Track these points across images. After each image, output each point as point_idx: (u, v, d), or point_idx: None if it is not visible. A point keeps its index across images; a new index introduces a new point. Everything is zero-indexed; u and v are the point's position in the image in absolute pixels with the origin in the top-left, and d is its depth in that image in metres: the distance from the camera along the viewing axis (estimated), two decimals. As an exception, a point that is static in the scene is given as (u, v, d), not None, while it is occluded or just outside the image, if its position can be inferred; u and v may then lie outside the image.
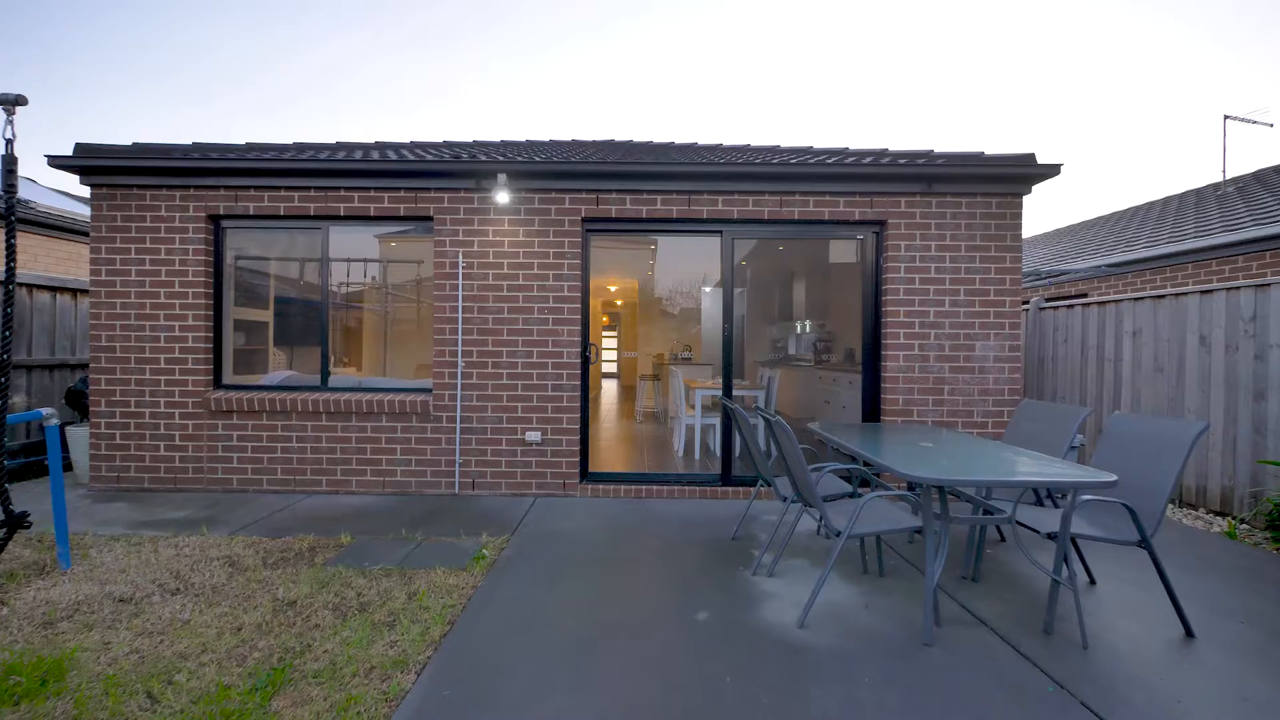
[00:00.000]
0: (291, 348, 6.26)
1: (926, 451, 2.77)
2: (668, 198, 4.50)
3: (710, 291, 11.35)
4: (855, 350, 6.99)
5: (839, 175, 4.40)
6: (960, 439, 3.15)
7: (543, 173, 4.42)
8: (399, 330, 6.71)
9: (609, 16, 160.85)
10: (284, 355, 5.85)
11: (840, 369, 6.50)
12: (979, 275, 4.48)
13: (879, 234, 4.61)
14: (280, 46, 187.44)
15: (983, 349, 4.47)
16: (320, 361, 4.76)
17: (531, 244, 4.52)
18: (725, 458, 4.68)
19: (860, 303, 4.75)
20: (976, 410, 4.46)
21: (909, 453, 2.71)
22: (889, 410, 4.47)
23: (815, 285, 8.97)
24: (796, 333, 9.68)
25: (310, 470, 4.52)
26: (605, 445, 6.62)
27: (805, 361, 8.83)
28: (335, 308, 6.55)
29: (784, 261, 9.96)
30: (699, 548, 3.41)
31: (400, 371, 6.38)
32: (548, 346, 4.51)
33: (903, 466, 2.34)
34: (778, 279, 10.27)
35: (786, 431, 2.54)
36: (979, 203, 4.49)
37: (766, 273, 10.44)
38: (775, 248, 8.90)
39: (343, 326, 6.82)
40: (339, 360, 6.86)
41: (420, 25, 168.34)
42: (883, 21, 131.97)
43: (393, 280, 6.56)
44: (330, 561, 3.15)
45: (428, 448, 4.51)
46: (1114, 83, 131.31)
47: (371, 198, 4.53)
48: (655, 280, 11.71)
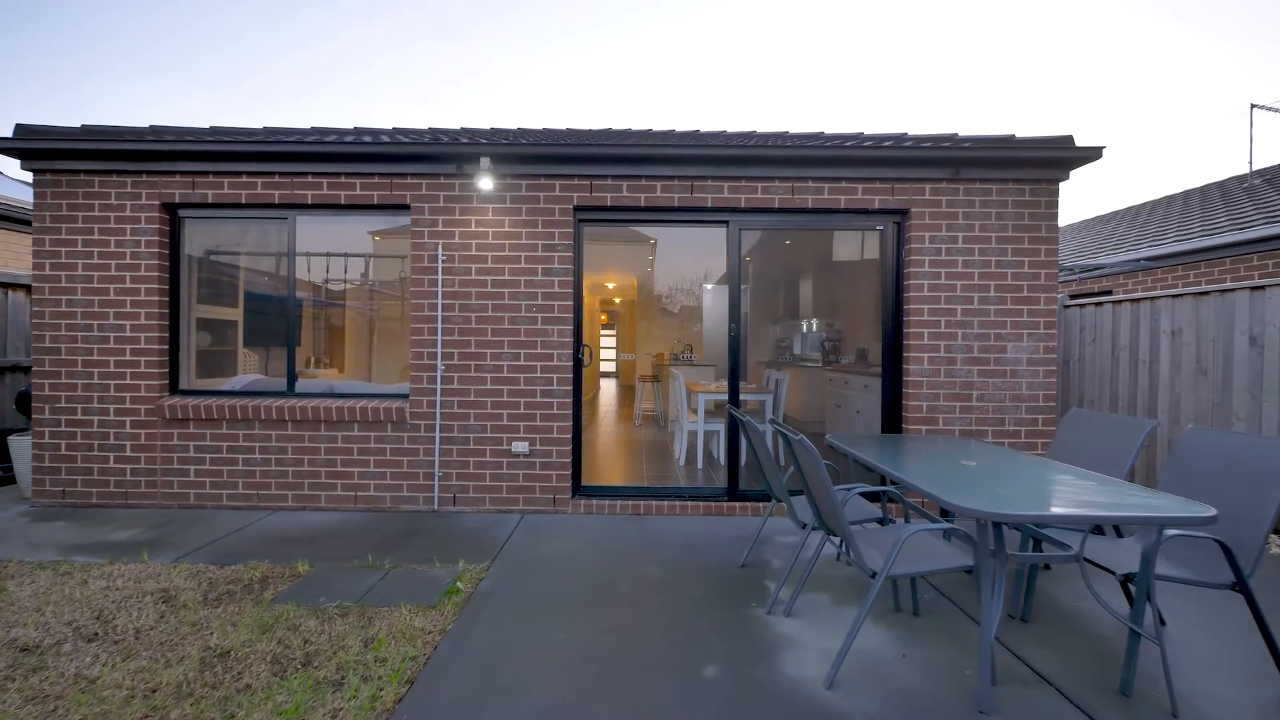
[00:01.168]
0: (267, 349, 5.85)
1: (971, 474, 2.36)
2: (668, 184, 4.09)
3: (712, 289, 10.94)
4: (869, 351, 6.59)
5: (857, 159, 3.99)
6: (1006, 456, 2.74)
7: (530, 156, 4.00)
8: (387, 330, 6.30)
9: (616, 8, 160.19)
10: (256, 357, 5.44)
11: (853, 371, 6.09)
12: (1011, 270, 4.07)
13: (900, 224, 4.20)
14: (279, 38, 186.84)
15: (1015, 350, 4.06)
16: (287, 364, 4.34)
17: (518, 235, 4.10)
18: (731, 468, 4.27)
19: (878, 299, 4.34)
20: (1008, 418, 4.06)
21: (953, 477, 2.30)
22: (912, 418, 4.06)
23: (823, 282, 8.56)
24: (802, 332, 9.27)
25: (275, 484, 4.11)
26: (601, 453, 6.22)
27: (812, 362, 8.43)
28: (316, 305, 6.16)
29: (788, 257, 9.55)
30: (704, 578, 3.00)
31: (386, 374, 5.96)
32: (536, 348, 4.10)
33: (957, 497, 1.93)
34: (783, 275, 9.86)
35: (811, 453, 2.13)
36: (1011, 190, 4.07)
37: (770, 269, 10.02)
38: (781, 243, 8.48)
39: (326, 326, 6.41)
40: (319, 362, 6.47)
41: (413, 19, 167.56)
42: (893, 11, 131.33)
43: (383, 278, 6.16)
44: (281, 596, 2.74)
45: (404, 459, 4.10)
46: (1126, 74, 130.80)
47: (342, 184, 4.11)
48: (655, 277, 11.30)
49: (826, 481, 2.12)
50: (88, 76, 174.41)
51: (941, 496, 1.95)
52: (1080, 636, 2.42)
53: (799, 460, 2.41)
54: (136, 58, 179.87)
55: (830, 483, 2.11)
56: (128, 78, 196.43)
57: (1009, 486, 2.17)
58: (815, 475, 2.20)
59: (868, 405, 5.39)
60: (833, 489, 2.10)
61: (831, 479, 2.18)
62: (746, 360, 9.79)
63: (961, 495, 1.98)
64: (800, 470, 2.47)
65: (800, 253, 9.05)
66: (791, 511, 2.70)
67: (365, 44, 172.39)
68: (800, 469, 2.45)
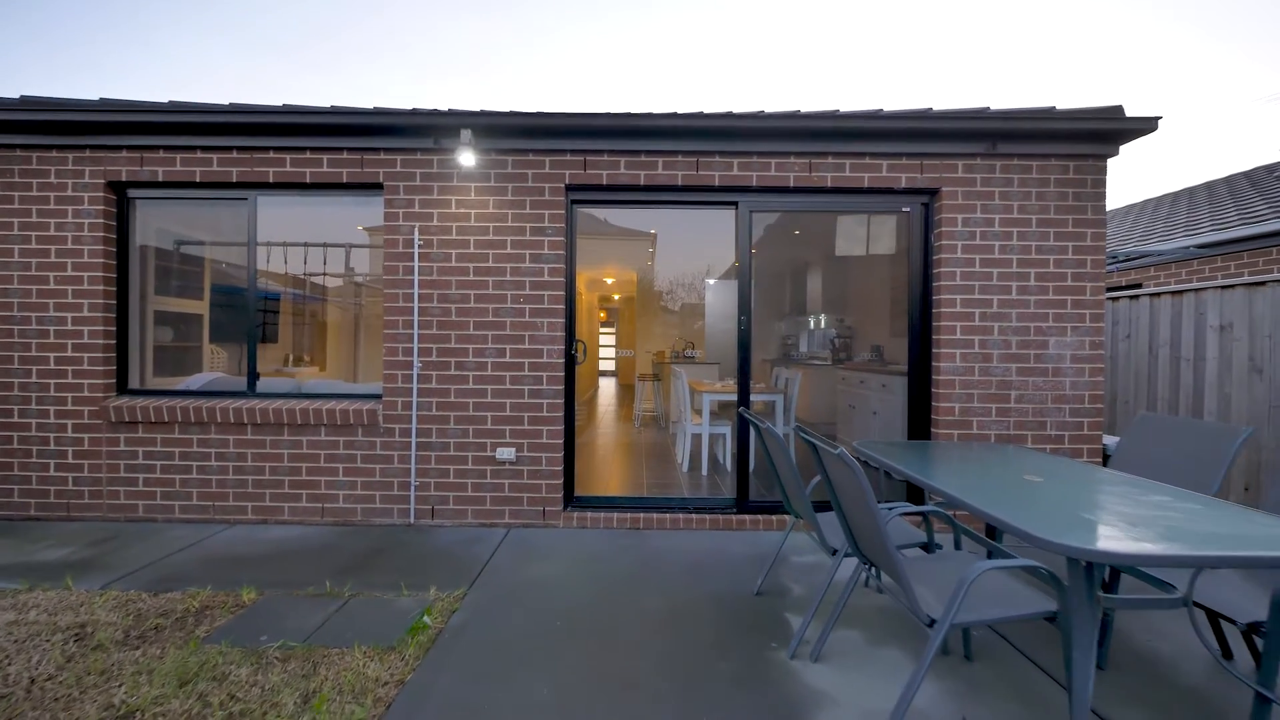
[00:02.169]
0: (241, 346, 5.45)
1: (1040, 493, 1.94)
2: (671, 160, 3.66)
3: (714, 284, 10.50)
4: (884, 347, 6.17)
5: (882, 132, 3.56)
6: (1073, 469, 2.32)
7: (517, 129, 3.57)
8: (375, 326, 5.88)
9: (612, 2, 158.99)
10: (225, 354, 5.01)
11: (868, 369, 5.67)
12: (1053, 256, 3.65)
13: (929, 205, 3.77)
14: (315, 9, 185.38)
15: (1057, 346, 3.64)
16: (247, 362, 3.92)
17: (504, 217, 3.68)
18: (739, 476, 3.85)
19: (892, 293, 3.92)
20: (1049, 421, 3.64)
21: (1023, 498, 1.88)
22: (943, 422, 3.64)
23: (831, 276, 8.14)
24: (809, 328, 8.86)
25: (233, 495, 3.69)
26: (597, 459, 5.80)
27: (820, 360, 8.01)
28: (297, 300, 5.74)
29: (794, 251, 9.12)
30: (714, 609, 2.58)
31: (372, 373, 5.55)
32: (524, 343, 3.68)
33: (1042, 528, 1.52)
34: (788, 269, 9.43)
35: (855, 474, 1.70)
36: (1054, 167, 3.65)
37: (775, 263, 9.59)
38: (788, 234, 8.05)
39: (309, 321, 6.00)
40: (299, 359, 6.05)
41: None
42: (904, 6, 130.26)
43: (374, 271, 5.74)
44: (216, 634, 2.32)
45: (376, 467, 3.68)
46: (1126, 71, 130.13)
47: (307, 160, 3.68)
48: (655, 272, 10.87)
49: (873, 507, 1.69)
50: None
51: (1025, 529, 1.53)
52: (1173, 689, 2.00)
53: (832, 477, 1.99)
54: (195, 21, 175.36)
55: (878, 511, 1.69)
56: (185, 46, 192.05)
57: (1096, 510, 1.75)
58: (858, 500, 1.78)
59: (886, 407, 4.98)
60: (881, 518, 1.68)
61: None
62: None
63: (1047, 525, 1.56)
64: (832, 489, 2.05)
65: (807, 246, 8.62)
66: (820, 536, 2.28)
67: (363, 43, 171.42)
68: (833, 487, 2.03)
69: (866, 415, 5.43)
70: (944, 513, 2.22)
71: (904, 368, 3.83)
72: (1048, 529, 1.53)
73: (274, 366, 5.72)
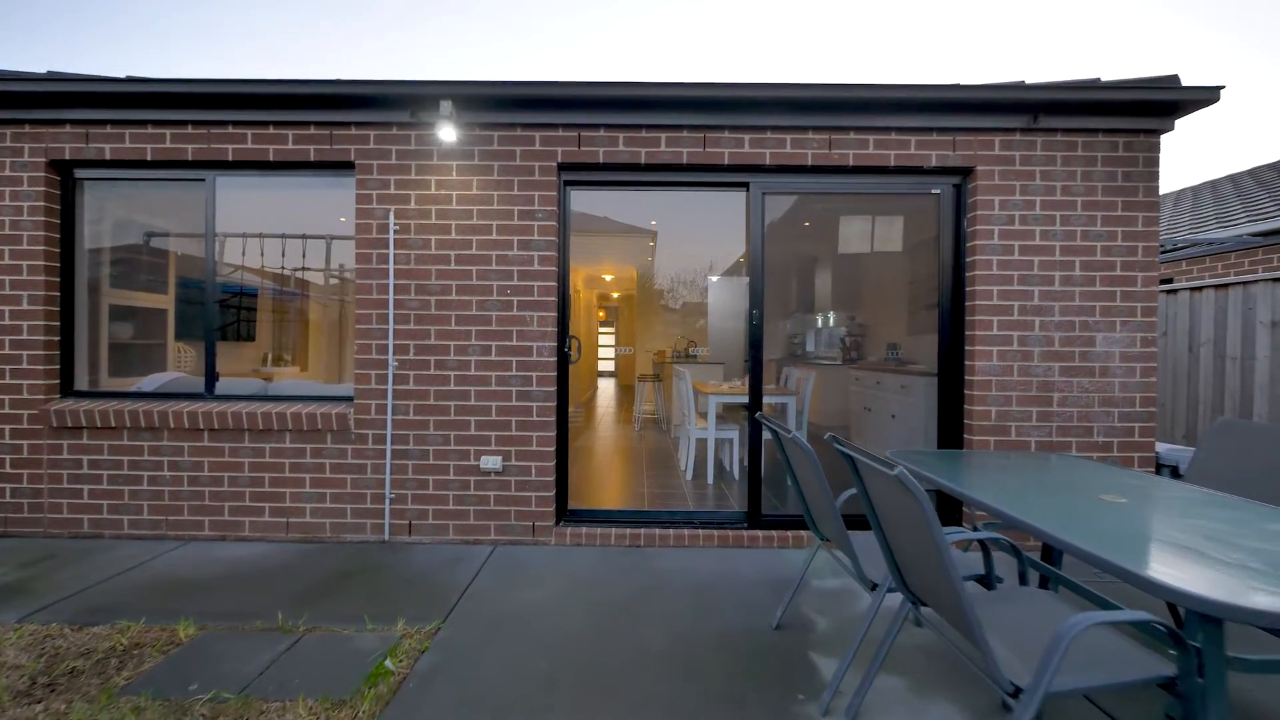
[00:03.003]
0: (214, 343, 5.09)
1: (1130, 519, 1.58)
2: (675, 136, 3.30)
3: (717, 281, 10.14)
4: (901, 345, 5.80)
5: (910, 104, 3.20)
6: (1156, 486, 1.95)
7: (504, 100, 3.21)
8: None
9: None
10: (193, 352, 4.64)
11: (886, 369, 5.30)
12: (1100, 243, 3.28)
13: (961, 187, 3.41)
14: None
15: (1105, 343, 3.27)
16: (205, 360, 3.55)
17: (489, 199, 3.31)
18: (751, 488, 3.48)
19: (922, 284, 3.56)
20: (1096, 427, 3.27)
21: (1115, 528, 1.52)
22: (977, 427, 3.27)
23: (841, 271, 7.78)
24: (816, 326, 8.49)
25: (188, 508, 3.32)
26: (593, 466, 5.43)
27: (828, 359, 7.65)
28: (276, 295, 5.39)
29: (800, 245, 8.75)
30: (727, 648, 2.21)
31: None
32: (511, 339, 3.31)
33: (1228, 594, 1.15)
34: (794, 265, 9.06)
35: (919, 500, 1.32)
36: (1101, 144, 3.28)
37: (779, 259, 9.21)
38: (797, 227, 7.67)
39: (292, 318, 5.64)
40: (278, 359, 5.68)
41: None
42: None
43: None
44: (137, 682, 1.95)
45: (347, 477, 3.31)
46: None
47: (270, 136, 3.32)
48: (655, 267, 10.50)
49: (940, 542, 1.32)
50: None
51: (1153, 578, 1.16)
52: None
53: (876, 498, 1.62)
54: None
55: (946, 547, 1.32)
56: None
57: (1219, 547, 1.38)
58: (913, 530, 1.41)
59: (906, 409, 4.61)
60: (950, 557, 1.31)
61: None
62: (755, 358, 9.00)
63: (1168, 571, 1.19)
64: (874, 511, 1.68)
65: (815, 239, 8.25)
66: (856, 568, 1.90)
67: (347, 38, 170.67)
68: (875, 509, 1.66)
69: (883, 418, 5.06)
70: (1004, 539, 1.84)
71: (925, 368, 3.49)
72: (1174, 578, 1.17)
73: (252, 366, 5.38)
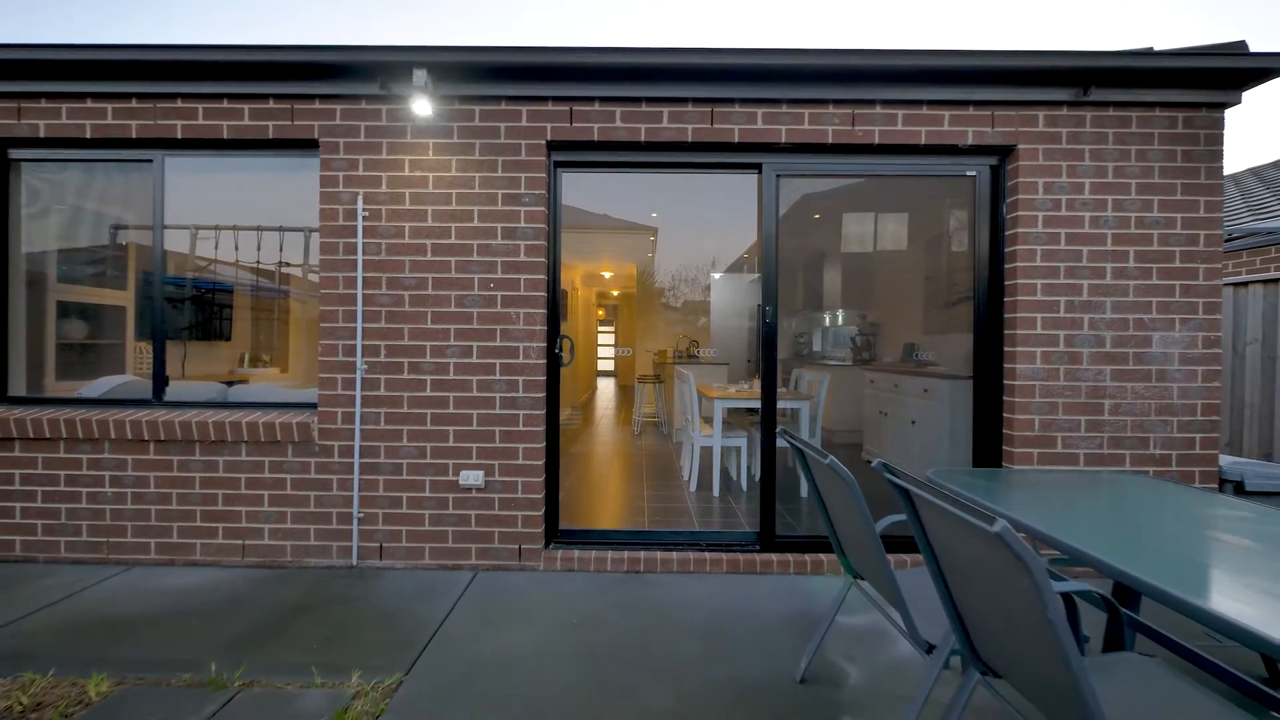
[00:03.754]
0: (185, 344, 4.73)
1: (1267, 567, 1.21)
2: (679, 110, 2.93)
3: (720, 278, 9.77)
4: (918, 346, 5.44)
5: (946, 73, 2.83)
6: (1267, 519, 1.58)
7: (485, 69, 2.84)
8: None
9: None
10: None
11: (904, 371, 4.93)
12: (1158, 230, 2.91)
13: (999, 169, 3.04)
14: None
15: (1163, 343, 2.91)
16: (153, 364, 3.18)
17: (470, 182, 2.94)
18: (764, 504, 3.11)
19: (940, 280, 3.20)
20: (1153, 438, 2.90)
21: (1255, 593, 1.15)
22: (1018, 438, 2.91)
23: (852, 266, 7.42)
24: (824, 325, 8.13)
25: (131, 529, 2.96)
26: (589, 476, 5.07)
27: (837, 360, 7.30)
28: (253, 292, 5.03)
29: (805, 240, 8.38)
30: (744, 709, 1.84)
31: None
32: (495, 339, 2.94)
33: None
34: (800, 262, 8.69)
35: (1029, 567, 0.96)
36: (1158, 119, 2.92)
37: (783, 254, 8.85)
38: (807, 220, 7.31)
39: (276, 316, 5.28)
40: (255, 360, 5.32)
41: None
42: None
43: None
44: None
45: (310, 494, 2.94)
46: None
47: (223, 112, 2.95)
48: (656, 265, 10.12)
49: (1055, 615, 0.95)
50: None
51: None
52: None
53: (941, 547, 1.25)
54: None
55: (1063, 625, 0.95)
56: None
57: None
58: (1010, 599, 1.04)
59: (929, 415, 4.25)
60: (1073, 649, 0.94)
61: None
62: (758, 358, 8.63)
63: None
64: (933, 553, 1.31)
65: (822, 233, 7.89)
66: (909, 628, 1.53)
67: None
68: (936, 555, 1.29)
69: (901, 425, 4.70)
70: (1097, 592, 1.48)
71: (948, 370, 3.13)
72: None
73: (228, 368, 5.04)
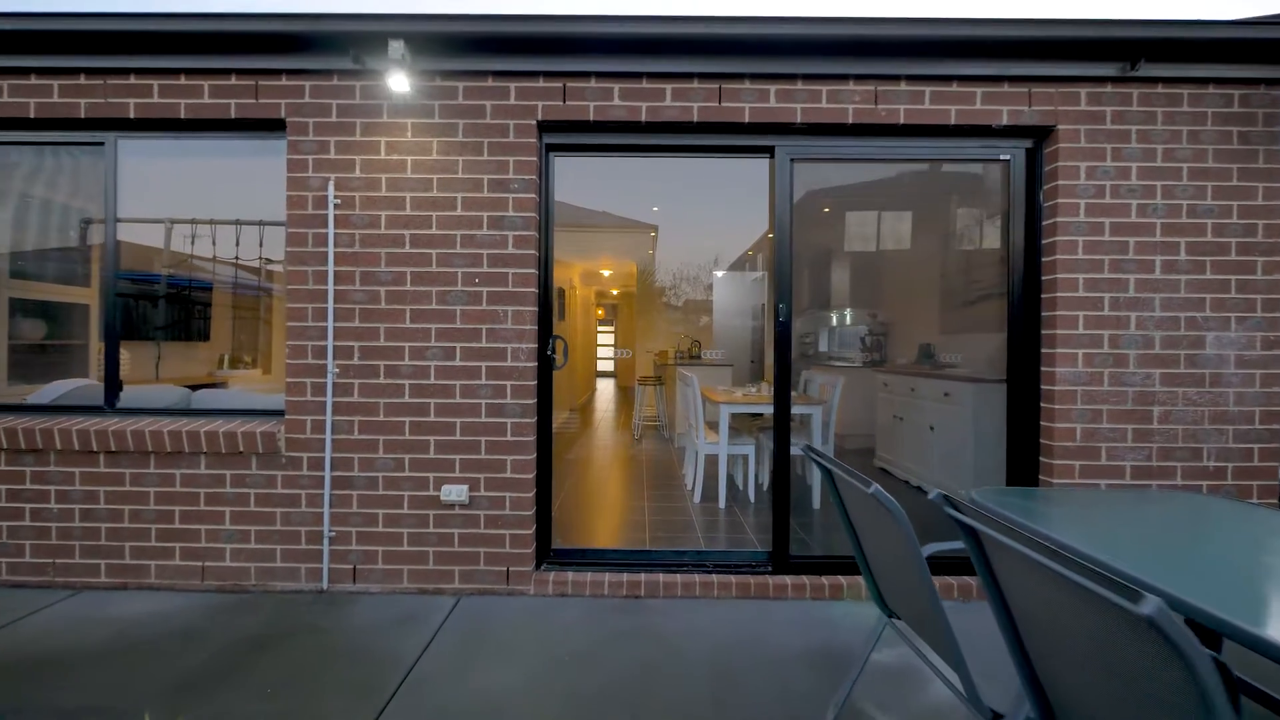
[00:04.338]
0: (158, 344, 4.47)
1: None
2: (684, 88, 2.65)
3: (723, 276, 9.52)
4: (935, 346, 5.17)
5: (979, 45, 2.55)
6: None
7: (470, 38, 2.56)
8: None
9: None
10: (125, 354, 4.01)
11: (922, 373, 4.66)
12: (1211, 220, 2.64)
13: (1036, 152, 2.77)
14: None
15: (1217, 344, 2.64)
16: (105, 367, 2.90)
17: (452, 166, 2.67)
18: (777, 520, 2.83)
19: (957, 276, 2.93)
20: (1206, 449, 2.63)
21: None
22: (1058, 449, 2.63)
23: (861, 262, 7.15)
24: (831, 325, 7.85)
25: (80, 549, 2.68)
26: (586, 487, 4.80)
27: (845, 361, 7.03)
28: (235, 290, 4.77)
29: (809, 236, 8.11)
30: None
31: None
32: (480, 340, 2.67)
33: None
34: (805, 259, 8.41)
35: (1187, 653, 0.69)
36: (1212, 97, 2.64)
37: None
38: (816, 215, 7.02)
39: (261, 315, 5.01)
40: (237, 361, 5.06)
41: None
42: None
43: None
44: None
45: (276, 511, 2.67)
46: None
47: (181, 89, 2.67)
48: (657, 262, 9.84)
49: (1214, 702, 0.68)
50: None
51: None
52: None
53: (1017, 600, 0.98)
54: None
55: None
56: None
57: None
58: (1164, 691, 0.77)
59: (949, 421, 3.97)
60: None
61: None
62: (762, 358, 8.36)
63: None
64: (1005, 607, 1.04)
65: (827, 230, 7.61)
66: (969, 690, 1.25)
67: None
68: (1007, 605, 1.01)
69: (919, 430, 4.42)
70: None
71: (970, 372, 2.86)
72: None
73: (207, 369, 4.79)
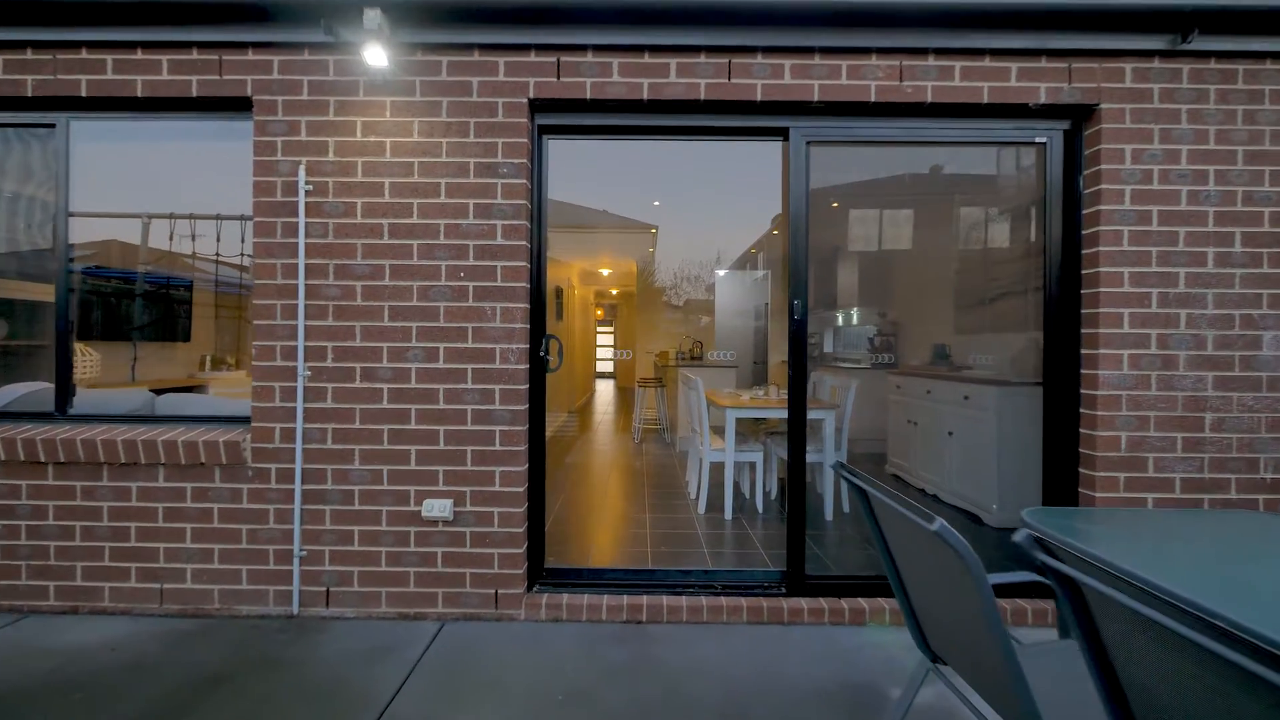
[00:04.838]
0: (134, 344, 4.25)
1: None
2: (689, 63, 2.42)
3: (725, 275, 9.27)
4: (950, 347, 4.93)
5: (1016, 13, 2.32)
6: None
7: (455, 8, 2.32)
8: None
9: None
10: (97, 356, 3.78)
11: (939, 375, 4.42)
12: (1268, 208, 2.41)
13: (1076, 134, 2.53)
14: None
15: (1275, 345, 2.40)
16: (56, 371, 2.66)
17: (435, 149, 2.43)
18: (791, 538, 2.59)
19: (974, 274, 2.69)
20: (1263, 459, 2.39)
21: None
22: (1102, 460, 2.39)
23: (869, 259, 6.92)
24: (836, 325, 7.62)
25: (26, 569, 2.44)
26: (583, 496, 4.56)
27: (851, 362, 6.79)
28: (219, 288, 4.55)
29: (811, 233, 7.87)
30: None
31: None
32: (466, 340, 2.43)
33: None
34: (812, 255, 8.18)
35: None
36: (1269, 73, 2.41)
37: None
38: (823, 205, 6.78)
39: (239, 313, 4.79)
40: (219, 361, 4.83)
41: None
42: None
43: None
44: None
45: (243, 528, 2.43)
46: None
47: (137, 64, 2.43)
48: (657, 260, 9.61)
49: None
50: None
51: None
52: None
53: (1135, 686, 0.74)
54: None
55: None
56: None
57: None
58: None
59: (970, 426, 3.74)
60: None
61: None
62: (766, 360, 8.12)
63: None
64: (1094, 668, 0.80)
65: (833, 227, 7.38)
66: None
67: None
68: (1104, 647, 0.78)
69: (936, 436, 4.18)
70: None
71: (993, 374, 2.63)
72: None
73: (188, 371, 4.57)
